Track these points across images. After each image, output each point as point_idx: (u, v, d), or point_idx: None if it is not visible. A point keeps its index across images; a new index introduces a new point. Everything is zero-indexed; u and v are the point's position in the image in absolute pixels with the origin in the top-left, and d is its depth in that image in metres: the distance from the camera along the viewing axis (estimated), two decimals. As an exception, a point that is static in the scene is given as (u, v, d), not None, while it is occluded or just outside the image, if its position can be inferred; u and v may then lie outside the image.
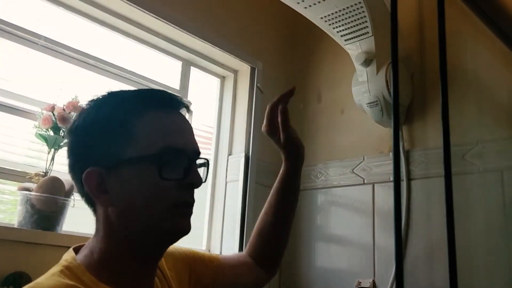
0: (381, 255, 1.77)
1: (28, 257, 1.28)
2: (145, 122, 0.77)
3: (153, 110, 0.78)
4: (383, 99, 1.72)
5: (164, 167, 0.75)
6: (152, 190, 0.75)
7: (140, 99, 0.80)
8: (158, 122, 0.77)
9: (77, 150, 0.79)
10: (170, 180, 0.75)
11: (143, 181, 0.75)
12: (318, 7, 1.60)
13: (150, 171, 0.74)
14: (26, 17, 1.54)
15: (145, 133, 0.76)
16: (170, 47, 1.93)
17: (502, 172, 1.55)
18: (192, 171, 0.78)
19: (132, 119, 0.77)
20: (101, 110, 0.79)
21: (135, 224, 0.76)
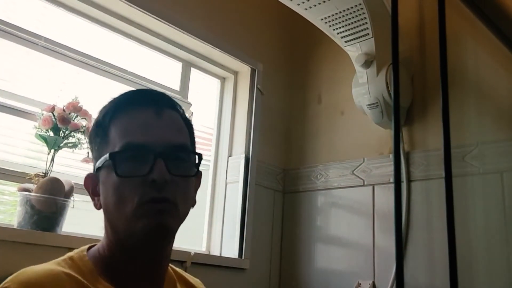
0: (381, 257, 1.77)
1: (27, 258, 1.27)
2: (115, 125, 0.78)
3: (124, 111, 0.79)
4: (383, 100, 1.72)
5: (124, 165, 0.74)
6: (118, 191, 0.74)
7: (115, 103, 0.81)
8: (125, 121, 0.78)
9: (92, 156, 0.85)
10: (131, 177, 0.74)
11: (110, 183, 0.76)
12: (318, 8, 1.60)
13: (113, 172, 0.75)
14: (26, 18, 1.54)
15: (113, 134, 0.77)
16: (171, 48, 1.93)
17: (502, 174, 1.55)
18: (156, 166, 0.74)
19: (109, 124, 0.79)
20: (96, 118, 0.83)
21: (114, 225, 0.77)
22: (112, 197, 0.75)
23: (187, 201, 0.80)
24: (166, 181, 0.74)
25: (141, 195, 0.73)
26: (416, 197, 1.72)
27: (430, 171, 1.70)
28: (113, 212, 0.76)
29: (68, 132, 1.43)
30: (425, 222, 1.68)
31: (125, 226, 0.75)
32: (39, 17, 1.59)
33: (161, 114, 0.80)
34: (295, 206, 2.09)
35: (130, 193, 0.74)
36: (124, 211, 0.74)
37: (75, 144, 1.45)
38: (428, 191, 1.70)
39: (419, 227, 1.69)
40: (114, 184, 0.75)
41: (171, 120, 0.81)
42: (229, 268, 1.83)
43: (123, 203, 0.74)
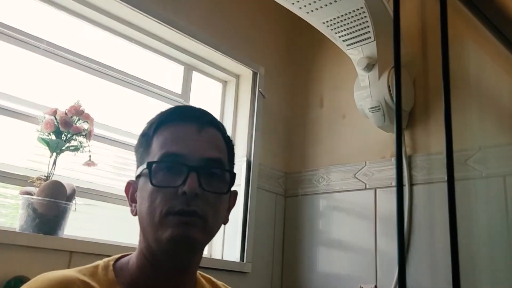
0: (383, 260, 1.76)
1: (29, 262, 1.28)
2: (158, 136, 0.81)
3: (168, 124, 0.82)
4: (385, 104, 1.72)
5: (159, 175, 0.77)
6: (151, 199, 0.77)
7: (161, 116, 0.84)
8: (166, 134, 0.81)
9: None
10: (164, 188, 0.76)
11: (145, 190, 0.78)
12: (320, 12, 1.60)
13: (149, 181, 0.77)
14: (29, 21, 1.55)
15: (154, 145, 0.81)
16: (172, 51, 1.93)
17: (505, 178, 1.55)
18: (188, 179, 0.76)
19: (152, 135, 0.82)
20: (142, 129, 0.87)
21: (145, 232, 0.79)
22: (145, 205, 0.78)
23: (216, 217, 0.82)
24: (196, 194, 0.76)
25: (170, 205, 0.75)
26: (418, 201, 1.72)
27: (432, 175, 1.70)
28: (145, 219, 0.78)
29: (70, 135, 1.43)
30: (427, 226, 1.68)
31: (153, 234, 0.76)
32: (41, 20, 1.60)
33: (202, 130, 0.82)
34: (297, 210, 2.09)
35: (160, 202, 0.76)
36: (154, 219, 0.76)
37: (77, 147, 1.45)
38: (430, 194, 1.69)
39: (421, 231, 1.69)
40: (148, 193, 0.77)
41: (211, 136, 0.84)
42: (230, 272, 1.83)
43: (154, 211, 0.76)
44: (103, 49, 1.75)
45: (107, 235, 1.62)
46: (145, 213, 0.78)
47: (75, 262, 1.34)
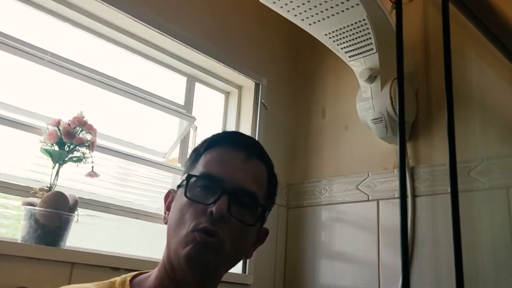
0: (386, 273, 1.75)
1: (31, 273, 1.27)
2: (206, 155, 0.84)
3: (218, 146, 0.85)
4: (388, 115, 1.72)
5: (194, 190, 0.79)
6: (182, 211, 0.79)
7: (215, 136, 0.87)
8: (214, 155, 0.83)
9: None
10: (195, 202, 0.78)
11: (179, 201, 0.81)
12: (322, 24, 1.61)
13: (183, 193, 0.80)
14: (33, 33, 1.56)
15: (201, 162, 0.83)
16: (175, 62, 1.94)
17: (508, 189, 1.55)
18: (219, 200, 0.77)
19: (202, 153, 0.85)
20: (199, 143, 0.89)
21: (169, 242, 0.80)
22: (176, 216, 0.80)
23: (237, 246, 0.80)
24: (222, 216, 0.76)
25: (197, 222, 0.77)
26: (421, 213, 1.71)
27: (436, 186, 1.69)
28: (172, 230, 0.79)
29: (73, 146, 1.43)
30: (431, 238, 1.67)
31: (175, 246, 0.78)
32: (46, 32, 1.61)
33: (248, 160, 0.84)
34: (299, 221, 2.08)
35: (190, 217, 0.77)
36: (181, 232, 0.77)
37: (79, 158, 1.45)
38: (433, 206, 1.69)
39: (425, 242, 1.68)
40: (181, 204, 0.79)
41: (255, 169, 0.85)
42: (232, 284, 1.82)
43: (183, 224, 0.78)
44: (106, 60, 1.76)
45: (109, 247, 1.61)
46: (174, 224, 0.79)
47: (76, 273, 1.33)
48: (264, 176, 0.86)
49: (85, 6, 1.62)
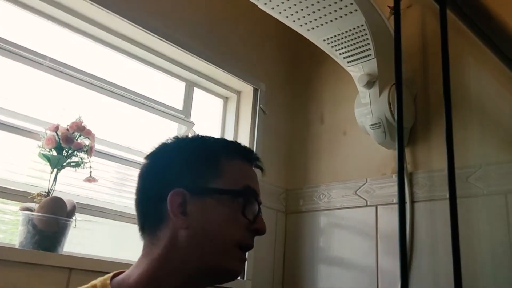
0: (384, 278, 1.75)
1: (29, 278, 1.27)
2: (232, 164, 0.84)
3: (239, 159, 0.86)
4: (386, 120, 1.72)
5: (246, 205, 0.81)
6: (228, 224, 0.79)
7: (229, 146, 0.88)
8: (243, 167, 0.86)
9: (166, 169, 0.84)
10: (246, 220, 0.80)
11: (222, 212, 0.79)
12: (321, 29, 1.62)
13: (231, 205, 0.80)
14: (32, 38, 1.56)
15: (232, 172, 0.83)
16: (174, 68, 1.94)
17: (506, 195, 1.55)
18: (259, 218, 0.82)
19: (222, 158, 0.84)
20: (196, 142, 0.88)
21: (200, 251, 0.78)
22: (218, 226, 0.79)
23: None
24: (263, 233, 0.83)
25: (243, 238, 0.80)
26: (420, 218, 1.71)
27: (434, 192, 1.69)
28: (208, 241, 0.78)
29: (71, 151, 1.43)
30: (429, 243, 1.67)
31: (218, 258, 0.79)
32: (44, 37, 1.61)
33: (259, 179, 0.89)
34: (298, 227, 2.08)
35: (235, 231, 0.80)
36: (224, 245, 0.79)
37: (78, 163, 1.45)
38: (431, 212, 1.69)
39: (423, 248, 1.68)
40: (226, 216, 0.80)
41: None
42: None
43: (227, 236, 0.79)
44: (105, 66, 1.76)
45: (107, 252, 1.61)
46: (213, 233, 0.78)
47: (74, 278, 1.33)
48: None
49: (84, 11, 1.62)
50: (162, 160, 0.86)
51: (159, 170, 0.85)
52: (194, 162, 0.83)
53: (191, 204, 0.79)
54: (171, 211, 0.78)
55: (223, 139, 0.91)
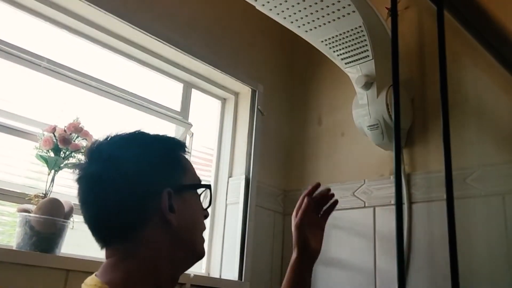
0: (382, 279, 1.75)
1: (26, 280, 1.26)
2: (185, 159, 0.92)
3: (183, 150, 0.93)
4: (384, 122, 1.72)
5: (205, 194, 0.93)
6: (198, 214, 0.90)
7: (177, 141, 0.94)
8: (189, 162, 0.93)
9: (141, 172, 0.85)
10: (204, 209, 0.92)
11: (195, 204, 0.90)
12: (319, 30, 1.62)
13: (197, 197, 0.90)
14: (29, 39, 1.56)
15: (188, 166, 0.91)
16: (172, 69, 1.94)
17: (504, 196, 1.55)
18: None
19: (179, 155, 0.91)
20: (154, 145, 0.91)
21: (190, 242, 0.87)
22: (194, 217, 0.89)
23: None
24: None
25: (203, 223, 0.92)
26: (417, 219, 1.71)
27: (432, 193, 1.69)
28: (192, 230, 0.89)
29: (68, 152, 1.43)
30: (427, 244, 1.67)
31: (195, 243, 0.89)
32: (42, 38, 1.61)
33: None
34: (296, 228, 2.07)
35: (201, 219, 0.92)
36: (199, 232, 0.90)
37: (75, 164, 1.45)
38: (429, 213, 1.69)
39: (421, 249, 1.68)
40: (199, 209, 0.91)
41: None
42: (229, 291, 1.81)
43: (200, 225, 0.91)
44: (102, 67, 1.76)
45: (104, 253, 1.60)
46: (193, 225, 0.88)
47: (71, 280, 1.32)
48: None
49: (82, 12, 1.62)
50: (130, 164, 0.85)
51: (131, 173, 0.83)
52: (166, 162, 0.88)
53: (175, 201, 0.84)
54: (164, 210, 0.82)
55: (165, 135, 0.95)
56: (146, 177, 0.84)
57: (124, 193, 0.82)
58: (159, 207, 0.82)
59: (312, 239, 1.24)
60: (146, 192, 0.82)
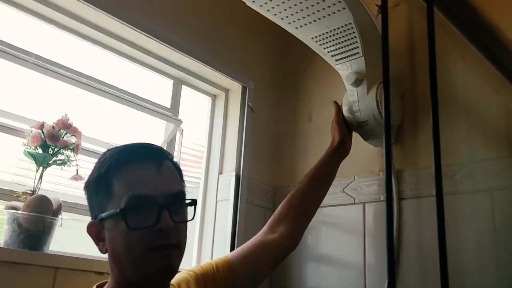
0: (372, 275, 1.76)
1: (14, 278, 1.25)
2: (119, 179, 0.87)
3: (126, 165, 0.88)
4: (374, 118, 1.73)
5: (132, 217, 0.83)
6: (127, 239, 0.84)
7: (116, 157, 0.89)
8: (129, 176, 0.87)
9: (88, 204, 0.93)
10: (141, 229, 0.83)
11: (119, 232, 0.85)
12: (309, 27, 1.62)
13: (122, 223, 0.84)
14: (17, 34, 1.54)
15: (118, 189, 0.86)
16: (162, 65, 1.93)
17: (492, 192, 1.56)
18: (161, 217, 0.84)
19: (111, 178, 0.87)
20: (94, 169, 0.92)
21: (123, 268, 0.86)
22: (121, 245, 0.84)
23: (186, 239, 0.92)
24: (171, 228, 0.84)
25: (149, 243, 0.84)
26: (407, 215, 1.72)
27: (421, 189, 1.70)
28: (122, 257, 0.85)
29: (57, 149, 1.42)
30: (416, 240, 1.68)
31: (135, 270, 0.84)
32: (30, 34, 1.59)
33: (160, 167, 0.89)
34: (286, 224, 2.07)
35: (138, 242, 0.83)
36: (133, 256, 0.84)
37: (64, 161, 1.44)
38: (419, 209, 1.70)
39: (410, 245, 1.69)
40: (123, 234, 0.84)
41: (169, 171, 0.91)
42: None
43: (132, 249, 0.83)
44: (91, 63, 1.74)
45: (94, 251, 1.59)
46: (122, 252, 0.84)
47: (60, 278, 1.32)
48: (174, 170, 0.94)
49: (71, 8, 1.60)
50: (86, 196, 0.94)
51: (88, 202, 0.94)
52: (96, 192, 0.90)
53: (104, 230, 0.88)
54: (94, 241, 0.91)
55: (116, 151, 0.92)
56: (88, 204, 0.93)
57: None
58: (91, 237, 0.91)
59: (348, 139, 1.53)
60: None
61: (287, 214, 1.34)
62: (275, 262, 1.28)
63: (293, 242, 1.33)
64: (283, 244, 1.29)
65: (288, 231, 1.32)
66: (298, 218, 1.36)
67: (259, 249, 1.24)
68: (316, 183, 1.44)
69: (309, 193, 1.41)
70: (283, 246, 1.30)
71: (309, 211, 1.41)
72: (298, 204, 1.37)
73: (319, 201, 1.47)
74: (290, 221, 1.33)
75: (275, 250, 1.27)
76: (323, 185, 1.48)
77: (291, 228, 1.32)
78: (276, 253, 1.27)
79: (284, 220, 1.33)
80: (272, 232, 1.31)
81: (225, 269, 1.14)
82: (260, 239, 1.27)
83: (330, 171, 1.51)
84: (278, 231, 1.31)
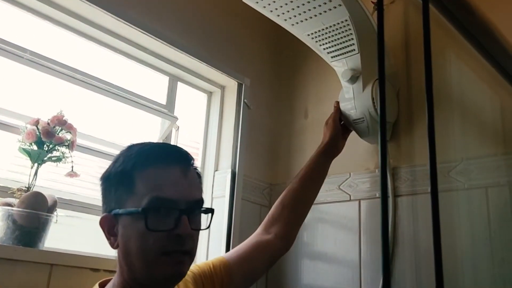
0: (367, 271, 1.76)
1: (9, 274, 1.25)
2: (143, 178, 0.86)
3: (153, 165, 0.87)
4: (369, 116, 1.73)
5: (152, 218, 0.83)
6: (143, 239, 0.84)
7: (144, 156, 0.89)
8: (154, 177, 0.86)
9: (103, 196, 0.92)
10: (158, 231, 0.83)
11: (135, 231, 0.85)
12: (305, 24, 1.62)
13: (140, 223, 0.83)
14: (11, 30, 1.53)
15: (141, 187, 0.85)
16: (158, 62, 1.93)
17: (487, 189, 1.57)
18: (181, 222, 0.84)
19: (134, 175, 0.87)
20: (118, 163, 0.91)
21: (133, 267, 0.85)
22: (135, 243, 0.84)
23: (197, 249, 0.92)
24: (188, 235, 0.85)
25: (165, 246, 0.84)
26: (402, 212, 1.73)
27: (416, 186, 1.71)
28: (135, 256, 0.84)
29: (52, 146, 1.41)
30: (411, 237, 1.68)
31: (146, 270, 0.84)
32: (25, 30, 1.58)
33: (187, 172, 0.90)
34: (282, 221, 2.07)
35: (154, 243, 0.83)
36: (147, 257, 0.83)
37: (59, 158, 1.43)
38: (414, 206, 1.70)
39: (405, 242, 1.69)
40: (139, 233, 0.84)
41: (193, 178, 0.92)
42: (215, 284, 1.81)
43: (147, 250, 0.83)
44: (87, 59, 1.73)
45: (89, 248, 1.59)
46: (135, 251, 0.84)
47: (55, 275, 1.31)
48: (197, 179, 0.95)
49: (67, 4, 1.59)
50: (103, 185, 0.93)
51: (102, 194, 0.94)
52: (116, 186, 0.89)
53: (118, 225, 0.87)
54: (105, 235, 0.90)
55: (143, 148, 0.91)
56: (104, 202, 0.92)
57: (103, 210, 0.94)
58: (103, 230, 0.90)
59: (341, 139, 1.52)
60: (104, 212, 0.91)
61: (281, 214, 1.35)
62: (270, 263, 1.29)
63: (288, 243, 1.35)
64: (278, 245, 1.31)
65: (282, 231, 1.33)
66: (292, 218, 1.37)
67: (254, 250, 1.25)
68: (307, 183, 1.45)
69: (301, 192, 1.41)
70: (278, 247, 1.31)
71: (302, 210, 1.42)
72: (290, 204, 1.38)
73: (312, 200, 1.48)
74: (283, 221, 1.34)
75: (270, 251, 1.28)
76: (314, 184, 1.49)
77: (285, 228, 1.34)
78: (271, 254, 1.28)
79: (278, 220, 1.34)
80: (267, 233, 1.32)
81: (222, 269, 1.15)
82: (255, 240, 1.28)
83: (320, 170, 1.51)
84: (272, 232, 1.32)
